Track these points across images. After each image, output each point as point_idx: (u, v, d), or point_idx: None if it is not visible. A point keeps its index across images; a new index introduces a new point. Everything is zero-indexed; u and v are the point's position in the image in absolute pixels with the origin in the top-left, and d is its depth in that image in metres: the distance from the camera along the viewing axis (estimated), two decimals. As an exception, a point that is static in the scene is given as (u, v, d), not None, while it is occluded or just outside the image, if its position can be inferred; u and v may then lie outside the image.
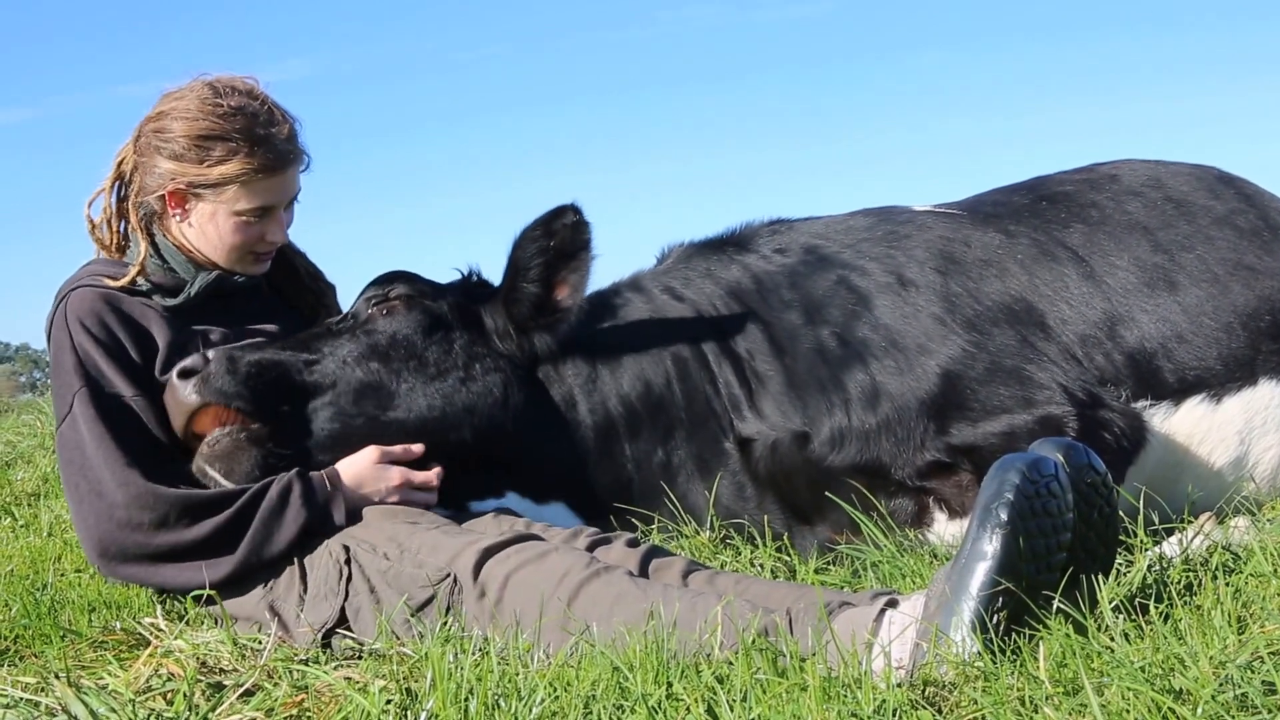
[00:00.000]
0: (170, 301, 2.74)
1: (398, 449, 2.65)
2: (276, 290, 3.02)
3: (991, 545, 1.83)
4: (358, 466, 2.59)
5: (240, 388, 2.57)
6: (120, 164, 2.81)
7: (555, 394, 2.88)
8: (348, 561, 2.41)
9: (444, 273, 3.09)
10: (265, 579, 2.49)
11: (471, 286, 3.04)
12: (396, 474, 2.61)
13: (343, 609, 2.38)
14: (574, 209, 2.86)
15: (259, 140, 2.67)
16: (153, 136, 2.71)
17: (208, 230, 2.73)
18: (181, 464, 2.57)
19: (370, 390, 2.70)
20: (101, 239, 2.84)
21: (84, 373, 2.57)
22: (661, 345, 2.95)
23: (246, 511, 2.46)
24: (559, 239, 2.87)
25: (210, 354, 2.59)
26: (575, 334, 2.96)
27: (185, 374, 2.56)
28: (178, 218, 2.74)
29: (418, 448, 2.67)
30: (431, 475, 2.67)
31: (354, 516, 2.54)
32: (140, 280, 2.72)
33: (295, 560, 2.48)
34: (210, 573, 2.45)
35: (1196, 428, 2.91)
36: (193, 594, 2.54)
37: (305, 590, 2.44)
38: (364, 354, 2.74)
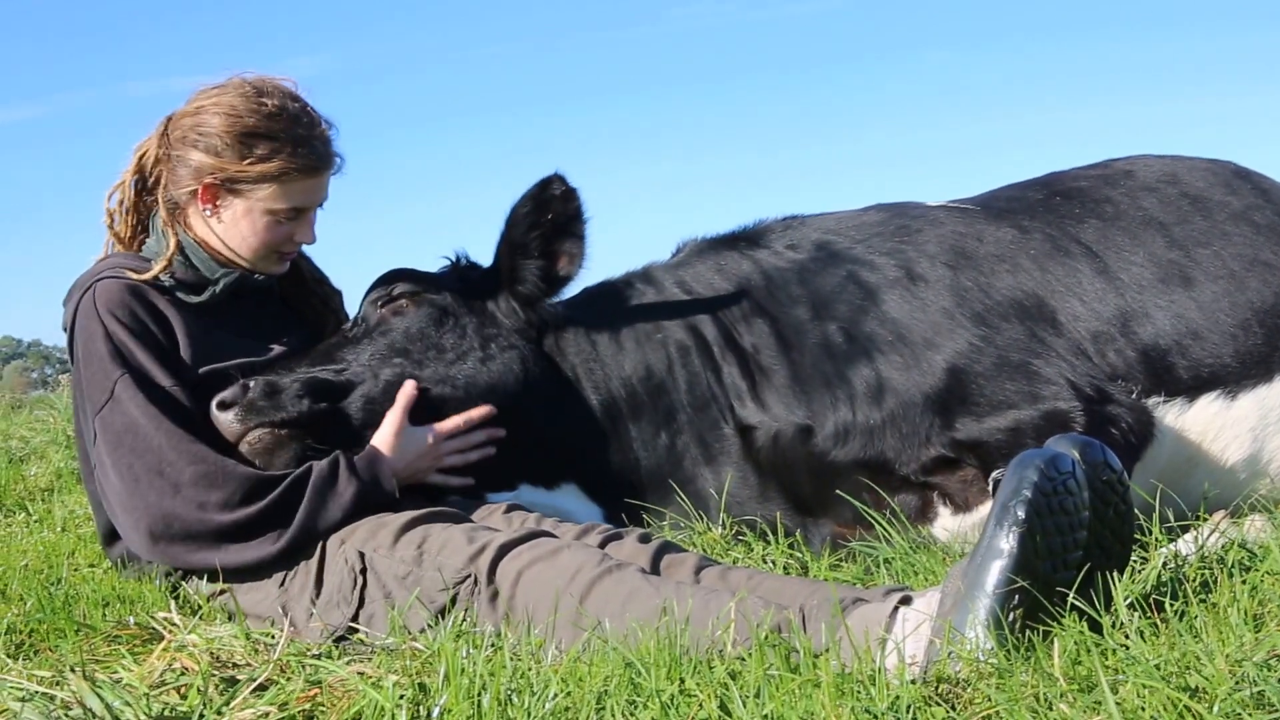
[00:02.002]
0: (194, 299, 2.74)
1: (403, 402, 2.70)
2: (283, 296, 3.04)
3: (1008, 543, 1.82)
4: (386, 436, 2.66)
5: (280, 411, 2.60)
6: (141, 157, 2.81)
7: (565, 370, 2.93)
8: (363, 571, 2.41)
9: (438, 265, 3.14)
10: (282, 576, 2.50)
11: (464, 271, 3.09)
12: (427, 432, 2.70)
13: (355, 615, 2.38)
14: (559, 179, 2.89)
15: (301, 141, 2.70)
16: (188, 131, 2.72)
17: (240, 225, 2.74)
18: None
19: (401, 384, 2.75)
20: (118, 231, 2.86)
21: (123, 360, 2.59)
22: (665, 332, 3.00)
23: (299, 486, 2.49)
24: (551, 211, 2.90)
25: (250, 383, 2.63)
26: (582, 315, 3.01)
27: (224, 405, 2.60)
28: (207, 212, 2.74)
29: (410, 385, 2.73)
30: (459, 420, 2.75)
31: (405, 489, 2.61)
32: (164, 276, 2.73)
33: (311, 561, 2.48)
34: (268, 547, 2.47)
35: (1210, 424, 2.89)
36: (205, 590, 2.55)
37: (318, 595, 2.44)
38: (386, 353, 2.81)
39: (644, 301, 3.08)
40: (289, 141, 2.69)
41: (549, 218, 2.90)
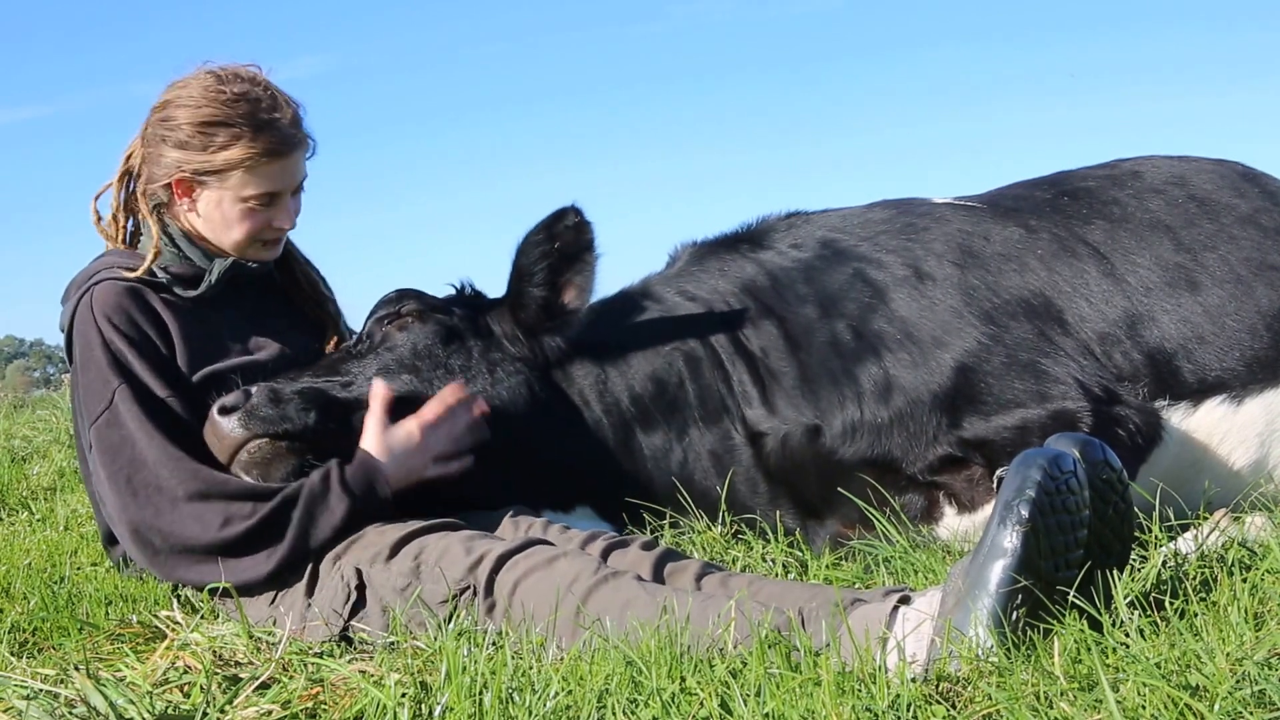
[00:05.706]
0: (190, 292, 2.73)
1: (378, 404, 2.60)
2: (285, 293, 3.02)
3: (1011, 542, 1.82)
4: (372, 440, 2.57)
5: (283, 420, 2.55)
6: (129, 158, 2.81)
7: (572, 396, 2.88)
8: (359, 587, 2.37)
9: (440, 285, 3.11)
10: (273, 595, 2.47)
11: (468, 299, 3.05)
12: (411, 425, 2.60)
13: (347, 628, 2.35)
14: (575, 210, 2.86)
15: (262, 125, 2.66)
16: (159, 126, 2.71)
17: (215, 218, 2.73)
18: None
19: (406, 402, 2.69)
20: (107, 232, 2.85)
21: (120, 370, 2.57)
22: (673, 345, 2.95)
23: (291, 502, 2.45)
24: (562, 242, 2.87)
25: (253, 390, 2.58)
26: (586, 338, 2.95)
27: (226, 410, 2.54)
28: (185, 207, 2.74)
29: (379, 384, 2.64)
30: (436, 405, 2.64)
31: (403, 493, 2.54)
32: (158, 271, 2.72)
33: (303, 581, 2.45)
34: (261, 567, 2.43)
35: (1216, 428, 2.88)
36: (208, 588, 2.55)
37: (308, 610, 2.41)
38: (393, 369, 2.77)
39: (648, 317, 3.02)
40: (250, 127, 2.65)
41: (559, 247, 2.86)
